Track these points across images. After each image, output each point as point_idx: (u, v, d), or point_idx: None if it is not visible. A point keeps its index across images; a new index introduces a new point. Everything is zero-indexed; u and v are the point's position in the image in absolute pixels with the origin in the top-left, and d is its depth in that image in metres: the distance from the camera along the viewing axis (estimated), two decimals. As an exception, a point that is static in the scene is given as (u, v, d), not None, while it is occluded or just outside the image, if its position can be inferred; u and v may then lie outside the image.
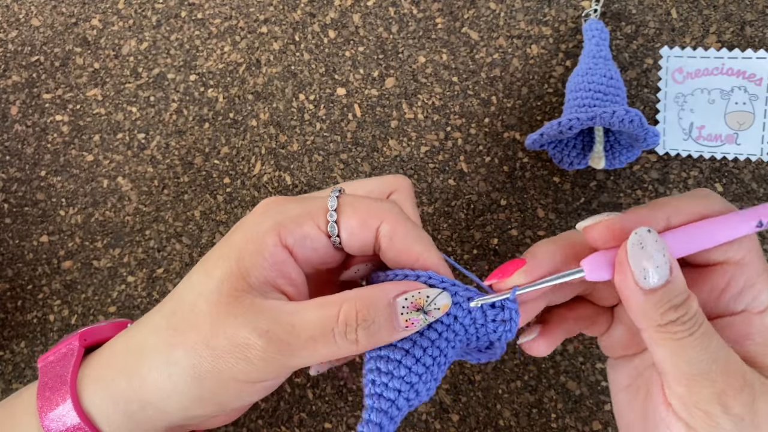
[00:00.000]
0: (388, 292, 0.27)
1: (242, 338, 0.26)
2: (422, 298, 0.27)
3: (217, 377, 0.27)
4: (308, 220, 0.28)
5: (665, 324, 0.25)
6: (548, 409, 0.42)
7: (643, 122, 0.36)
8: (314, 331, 0.26)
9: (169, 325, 0.28)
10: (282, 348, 0.26)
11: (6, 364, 0.46)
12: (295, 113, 0.46)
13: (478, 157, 0.44)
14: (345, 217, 0.28)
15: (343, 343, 0.26)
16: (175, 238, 0.46)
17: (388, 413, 0.25)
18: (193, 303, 0.28)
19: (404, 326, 0.26)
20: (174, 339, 0.28)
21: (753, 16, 0.42)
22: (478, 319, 0.28)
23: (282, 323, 0.26)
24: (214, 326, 0.27)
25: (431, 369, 0.27)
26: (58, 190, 0.47)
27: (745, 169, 0.42)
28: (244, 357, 0.26)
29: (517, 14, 0.45)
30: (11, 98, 0.48)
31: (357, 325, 0.26)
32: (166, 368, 0.28)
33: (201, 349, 0.27)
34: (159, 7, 0.48)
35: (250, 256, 0.27)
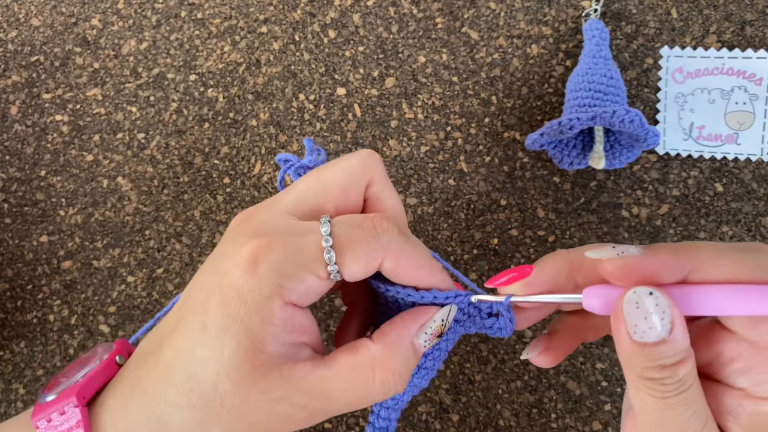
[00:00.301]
0: (410, 333, 0.27)
1: (282, 413, 0.25)
2: (439, 326, 0.28)
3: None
4: (307, 273, 0.26)
5: (644, 379, 0.24)
6: (548, 409, 0.42)
7: (643, 122, 0.36)
8: (351, 399, 0.26)
9: (192, 404, 0.26)
10: (322, 416, 0.26)
11: (6, 364, 0.46)
12: (295, 113, 0.46)
13: (478, 157, 0.44)
14: (347, 265, 0.26)
15: (379, 398, 0.27)
16: (175, 238, 0.46)
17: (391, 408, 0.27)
18: (215, 382, 0.25)
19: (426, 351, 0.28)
20: (205, 417, 0.25)
21: (753, 15, 0.42)
22: (477, 323, 0.29)
23: (317, 396, 0.26)
24: (248, 404, 0.25)
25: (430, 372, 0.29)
26: (58, 190, 0.47)
27: (746, 169, 0.42)
28: (286, 424, 0.26)
29: (517, 14, 0.45)
30: (11, 98, 0.48)
31: (392, 377, 0.26)
32: None
33: (239, 426, 0.25)
34: (159, 7, 0.48)
35: (260, 327, 0.25)
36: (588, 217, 0.43)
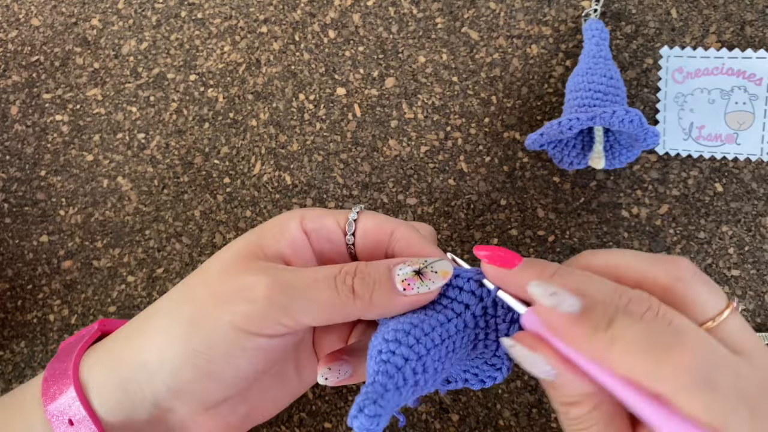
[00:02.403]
0: (389, 262, 0.28)
1: (248, 282, 0.27)
2: (419, 262, 0.28)
3: (214, 322, 0.27)
4: (329, 215, 0.30)
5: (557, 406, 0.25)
6: (548, 409, 0.42)
7: (643, 122, 0.36)
8: (317, 275, 0.27)
9: (183, 288, 0.30)
10: (284, 289, 0.27)
11: (6, 364, 0.47)
12: (295, 113, 0.46)
13: (478, 157, 0.44)
14: (363, 218, 0.30)
15: (342, 289, 0.27)
16: (175, 238, 0.46)
17: (393, 378, 0.24)
18: (209, 266, 0.29)
19: (402, 288, 0.27)
20: (182, 296, 0.29)
21: (753, 15, 0.42)
22: (489, 309, 0.27)
23: (288, 270, 0.28)
24: (221, 276, 0.28)
25: (439, 349, 0.26)
26: (58, 190, 0.47)
27: (745, 169, 0.42)
28: (246, 297, 0.27)
29: (517, 14, 0.45)
30: (11, 98, 0.48)
31: (355, 275, 0.27)
32: (166, 322, 0.28)
33: (204, 296, 0.28)
34: (159, 7, 0.48)
35: (271, 232, 0.30)
36: (588, 217, 0.43)
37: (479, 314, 0.27)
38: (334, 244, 0.31)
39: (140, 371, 0.28)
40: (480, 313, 0.27)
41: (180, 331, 0.28)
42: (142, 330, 0.29)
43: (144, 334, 0.29)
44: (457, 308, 0.27)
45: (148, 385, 0.28)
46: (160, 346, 0.28)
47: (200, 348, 0.28)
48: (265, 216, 0.46)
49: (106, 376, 0.29)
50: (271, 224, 0.30)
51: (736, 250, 0.42)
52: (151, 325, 0.29)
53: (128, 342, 0.30)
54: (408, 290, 0.27)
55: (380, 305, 0.27)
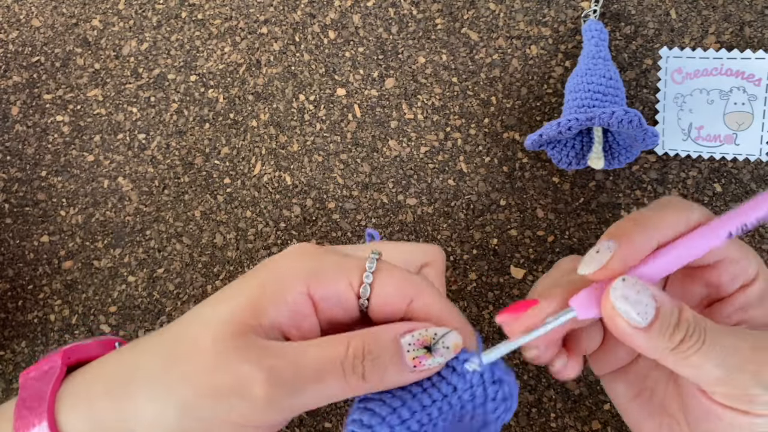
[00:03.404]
0: (395, 330, 0.26)
1: (244, 373, 0.24)
2: (429, 336, 0.26)
3: (211, 416, 0.25)
4: (342, 277, 0.27)
5: (677, 345, 0.26)
6: (547, 409, 0.42)
7: (642, 123, 0.36)
8: (322, 364, 0.25)
9: (169, 352, 0.27)
10: (287, 385, 0.24)
11: (6, 364, 0.47)
12: (295, 114, 0.46)
13: (477, 158, 0.44)
14: (381, 282, 0.27)
15: (352, 378, 0.25)
16: (176, 238, 0.46)
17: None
18: (197, 334, 0.26)
19: (412, 365, 0.25)
20: (171, 366, 0.26)
21: (752, 16, 0.42)
22: (478, 395, 0.26)
23: (287, 358, 0.25)
24: (216, 359, 0.25)
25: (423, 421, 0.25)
26: (59, 191, 0.47)
27: (744, 170, 0.42)
28: (243, 394, 0.24)
29: (517, 15, 0.45)
30: (12, 99, 0.48)
31: (364, 358, 0.25)
32: (157, 396, 0.26)
33: (199, 382, 0.25)
34: (159, 8, 0.48)
35: (271, 296, 0.26)
36: (587, 218, 0.43)
37: (467, 399, 0.26)
38: (344, 310, 0.27)
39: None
40: (468, 398, 0.26)
41: (175, 416, 0.25)
42: (128, 394, 0.27)
43: (130, 401, 0.26)
44: (445, 389, 0.26)
45: None
46: (153, 422, 0.26)
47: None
48: (265, 216, 0.46)
49: (87, 428, 0.27)
50: (272, 284, 0.27)
51: (735, 250, 0.42)
52: (138, 392, 0.26)
53: (113, 401, 0.27)
54: (418, 367, 0.26)
55: (387, 386, 0.26)
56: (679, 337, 0.26)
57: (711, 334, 0.26)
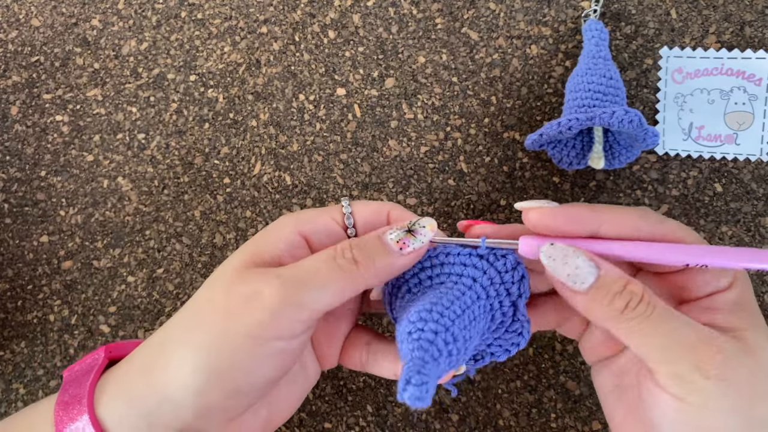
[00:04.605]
0: (377, 231, 0.30)
1: (253, 289, 0.28)
2: (405, 224, 0.30)
3: (233, 339, 0.27)
4: (322, 214, 0.31)
5: (620, 313, 0.27)
6: (548, 409, 0.42)
7: (642, 122, 0.36)
8: (319, 262, 0.28)
9: (189, 315, 0.29)
10: (294, 284, 0.27)
11: (6, 364, 0.47)
12: (295, 113, 0.46)
13: (477, 157, 0.44)
14: (358, 208, 0.31)
15: (345, 263, 0.28)
16: (175, 238, 0.46)
17: (429, 351, 0.25)
18: (211, 285, 0.30)
19: (398, 247, 0.29)
20: (192, 322, 0.29)
21: (752, 16, 0.42)
22: (494, 277, 0.30)
23: (290, 267, 0.28)
24: (227, 291, 0.28)
25: (462, 319, 0.27)
26: (59, 190, 0.47)
27: (745, 169, 0.42)
28: (257, 304, 0.27)
29: (517, 14, 0.45)
30: (11, 98, 0.48)
31: (351, 247, 0.29)
32: (183, 352, 0.28)
33: (217, 319, 0.28)
34: (159, 8, 0.48)
35: (268, 240, 0.30)
36: (587, 218, 0.43)
37: (487, 284, 0.29)
38: (332, 242, 0.31)
39: (164, 403, 0.28)
40: (487, 283, 0.29)
41: (200, 360, 0.28)
42: (159, 363, 0.29)
43: (162, 368, 0.28)
44: (467, 282, 0.29)
45: (175, 414, 0.28)
46: (183, 377, 0.28)
47: (225, 369, 0.27)
48: (265, 216, 0.46)
49: (126, 411, 0.29)
50: (266, 232, 0.31)
51: (735, 250, 0.42)
52: (167, 357, 0.29)
53: (145, 376, 0.29)
54: (404, 249, 0.29)
55: (384, 268, 0.29)
56: (620, 305, 0.27)
57: (661, 311, 0.27)
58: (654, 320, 0.26)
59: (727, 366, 0.26)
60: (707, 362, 0.26)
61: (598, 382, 0.33)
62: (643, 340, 0.27)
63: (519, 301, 0.30)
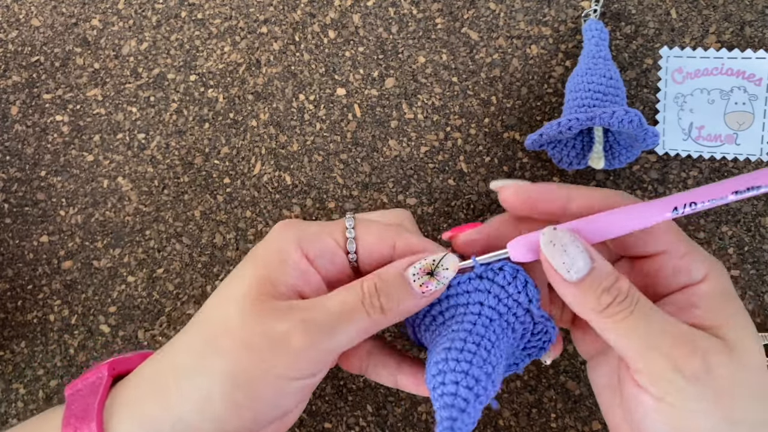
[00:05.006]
0: (398, 266, 0.29)
1: (280, 331, 0.27)
2: (428, 263, 0.29)
3: (258, 377, 0.27)
4: (327, 236, 0.30)
5: (604, 309, 0.27)
6: (548, 409, 0.42)
7: (642, 122, 0.36)
8: (346, 306, 0.28)
9: (200, 340, 0.29)
10: (320, 329, 0.27)
11: (6, 364, 0.47)
12: (295, 113, 0.46)
13: (477, 157, 0.44)
14: (362, 233, 0.30)
15: (373, 312, 0.28)
16: (175, 238, 0.46)
17: (455, 406, 0.26)
18: (224, 312, 0.29)
19: (420, 291, 0.29)
20: (207, 348, 0.28)
21: (752, 16, 0.42)
22: (499, 293, 0.29)
23: (315, 308, 0.28)
24: (248, 327, 0.27)
25: (480, 353, 0.27)
26: (59, 190, 0.47)
27: (745, 169, 0.42)
28: (285, 349, 0.27)
29: (517, 14, 0.45)
30: (11, 98, 0.48)
31: (378, 294, 0.28)
32: (199, 379, 0.28)
33: (238, 352, 0.27)
34: (159, 8, 0.48)
35: (277, 265, 0.29)
36: (587, 217, 0.43)
37: (494, 303, 0.29)
38: (336, 265, 0.31)
39: (178, 424, 0.28)
40: (494, 302, 0.29)
41: (218, 389, 0.27)
42: (172, 387, 0.28)
43: (176, 392, 0.28)
44: (474, 309, 0.29)
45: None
46: (200, 404, 0.27)
47: (244, 402, 0.27)
48: (265, 216, 0.46)
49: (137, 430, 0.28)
50: (270, 255, 0.30)
51: (735, 250, 0.42)
52: (181, 380, 0.28)
53: (158, 398, 0.29)
54: (426, 291, 0.29)
55: (406, 311, 0.29)
56: (606, 300, 0.26)
57: (642, 308, 0.27)
58: (635, 318, 0.26)
59: (706, 366, 0.25)
60: (685, 362, 0.25)
61: (593, 379, 0.33)
62: (623, 337, 0.27)
63: (531, 306, 0.30)
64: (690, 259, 0.29)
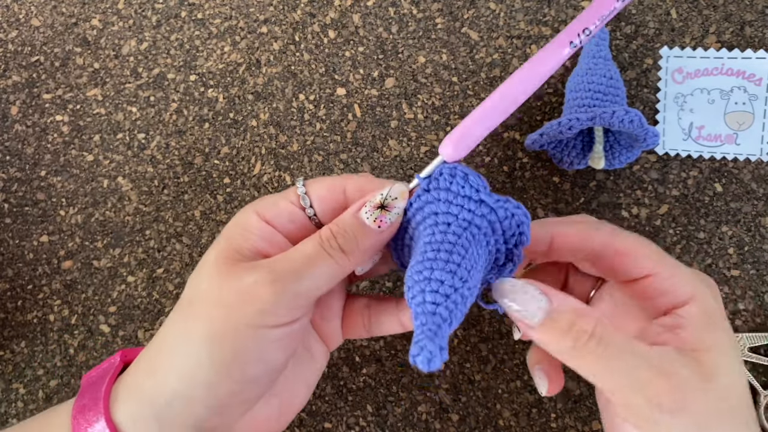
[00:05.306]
0: (352, 209, 0.30)
1: (248, 283, 0.28)
2: (377, 199, 0.30)
3: (234, 331, 0.28)
4: (281, 199, 0.31)
5: (570, 349, 0.26)
6: (548, 409, 0.42)
7: (642, 122, 0.36)
8: (308, 253, 0.29)
9: (181, 309, 0.30)
10: (285, 276, 0.28)
11: (6, 364, 0.47)
12: (295, 113, 0.46)
13: (477, 157, 0.44)
14: (312, 187, 0.32)
15: (334, 254, 0.29)
16: (175, 238, 0.46)
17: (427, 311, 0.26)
18: (197, 282, 0.30)
19: (377, 226, 0.30)
20: (187, 318, 0.29)
21: (752, 16, 0.42)
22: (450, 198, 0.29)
23: (279, 260, 0.29)
24: (218, 287, 0.29)
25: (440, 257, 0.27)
26: (59, 190, 0.47)
27: (745, 169, 0.42)
28: (254, 297, 0.28)
29: (517, 14, 0.45)
30: (11, 98, 0.48)
31: (334, 236, 0.29)
32: (183, 347, 0.28)
33: (212, 311, 0.28)
34: (159, 7, 0.48)
35: (239, 233, 0.30)
36: (588, 217, 0.43)
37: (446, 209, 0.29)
38: (297, 223, 0.31)
39: (175, 400, 0.28)
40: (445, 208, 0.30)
41: (202, 351, 0.28)
42: (161, 361, 0.29)
43: (167, 365, 0.29)
44: (430, 221, 0.29)
45: (187, 410, 0.28)
46: (188, 371, 0.28)
47: (229, 359, 0.28)
48: (265, 216, 0.46)
49: (139, 412, 0.29)
50: (232, 227, 0.31)
51: (735, 250, 0.42)
52: (168, 354, 0.29)
53: (151, 375, 0.29)
54: (383, 225, 0.30)
55: (368, 249, 0.30)
56: (568, 343, 0.26)
57: (616, 347, 0.26)
58: (608, 357, 0.26)
59: (684, 397, 0.25)
60: (663, 396, 0.25)
61: (597, 391, 0.33)
62: (598, 375, 0.26)
63: (481, 195, 0.29)
64: (675, 281, 0.29)
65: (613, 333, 0.27)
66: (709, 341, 0.27)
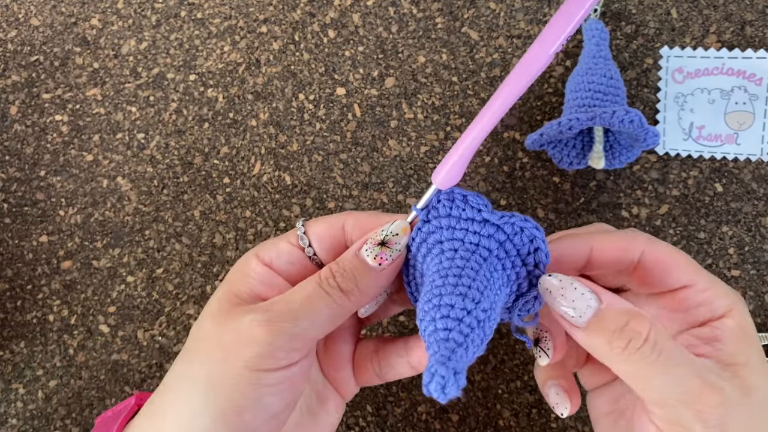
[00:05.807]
0: (353, 248, 0.30)
1: (243, 325, 0.28)
2: (378, 236, 0.29)
3: (232, 373, 0.27)
4: (280, 240, 0.31)
5: (620, 352, 0.25)
6: (548, 409, 0.42)
7: (643, 122, 0.36)
8: (305, 293, 0.29)
9: (186, 353, 0.30)
10: (281, 317, 0.28)
11: (6, 364, 0.46)
12: (295, 113, 0.46)
13: (478, 157, 0.44)
14: (311, 227, 0.31)
15: (332, 292, 0.28)
16: (175, 238, 0.46)
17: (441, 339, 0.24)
18: (200, 326, 0.30)
19: (377, 264, 0.29)
20: (189, 360, 0.29)
21: (753, 15, 0.42)
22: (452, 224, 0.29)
23: (277, 301, 0.29)
24: (217, 330, 0.29)
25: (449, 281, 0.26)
26: (58, 190, 0.47)
27: (745, 169, 0.42)
28: (250, 337, 0.27)
29: (517, 14, 0.44)
30: (11, 98, 0.48)
31: (333, 275, 0.29)
32: (184, 393, 0.28)
33: (211, 353, 0.28)
34: (158, 7, 0.48)
35: (239, 278, 0.31)
36: (588, 218, 0.43)
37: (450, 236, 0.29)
38: (296, 264, 0.31)
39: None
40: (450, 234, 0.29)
41: (200, 397, 0.28)
42: (163, 407, 0.29)
43: (166, 411, 0.28)
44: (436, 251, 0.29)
45: None
46: (186, 418, 0.28)
47: (226, 404, 0.27)
48: (264, 216, 0.46)
49: None
50: (233, 271, 0.31)
51: (736, 250, 0.42)
52: (169, 400, 0.29)
53: (151, 420, 0.29)
54: (383, 262, 0.29)
55: (368, 288, 0.29)
56: (620, 344, 0.25)
57: (669, 355, 0.25)
58: (660, 365, 0.25)
59: (728, 414, 0.25)
60: (709, 412, 0.25)
61: (592, 404, 0.32)
62: (645, 383, 0.25)
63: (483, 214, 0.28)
64: (712, 293, 0.28)
65: (668, 339, 0.25)
66: (745, 356, 0.27)
